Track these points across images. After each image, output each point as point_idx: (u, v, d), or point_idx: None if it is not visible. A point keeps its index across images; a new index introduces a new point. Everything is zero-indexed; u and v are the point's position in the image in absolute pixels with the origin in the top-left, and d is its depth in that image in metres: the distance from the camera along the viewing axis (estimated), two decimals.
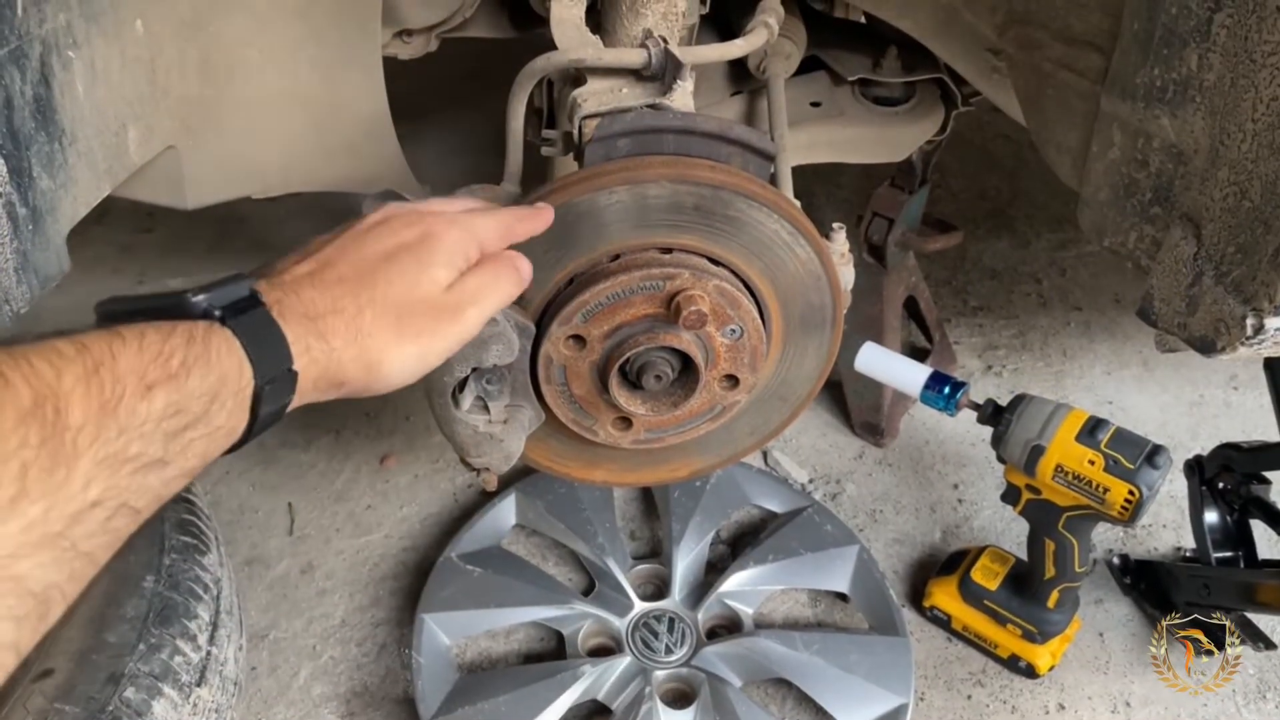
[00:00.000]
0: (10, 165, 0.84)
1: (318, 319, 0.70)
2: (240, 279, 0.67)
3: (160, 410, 0.57)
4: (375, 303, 0.74)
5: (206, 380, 0.60)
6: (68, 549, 0.52)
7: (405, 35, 1.41)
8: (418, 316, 0.76)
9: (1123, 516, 1.40)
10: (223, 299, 0.65)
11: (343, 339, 0.71)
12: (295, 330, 0.68)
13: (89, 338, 0.56)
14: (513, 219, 0.87)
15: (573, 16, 1.14)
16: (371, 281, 0.74)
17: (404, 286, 0.76)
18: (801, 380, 1.19)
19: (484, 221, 0.84)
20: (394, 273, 0.75)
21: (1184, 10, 0.97)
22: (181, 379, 0.59)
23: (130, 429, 0.55)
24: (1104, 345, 2.36)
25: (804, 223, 1.04)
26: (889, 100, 1.68)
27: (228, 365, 0.62)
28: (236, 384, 0.63)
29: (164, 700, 1.16)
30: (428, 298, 0.77)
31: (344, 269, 0.74)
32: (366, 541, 1.85)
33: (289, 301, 0.69)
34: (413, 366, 0.77)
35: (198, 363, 0.60)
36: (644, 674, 1.57)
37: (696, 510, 1.79)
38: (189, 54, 1.13)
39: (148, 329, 0.59)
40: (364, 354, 0.73)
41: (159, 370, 0.58)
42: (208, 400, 0.60)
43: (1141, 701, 1.63)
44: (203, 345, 0.61)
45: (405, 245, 0.78)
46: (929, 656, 1.69)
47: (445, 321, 0.78)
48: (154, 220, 2.60)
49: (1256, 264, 0.94)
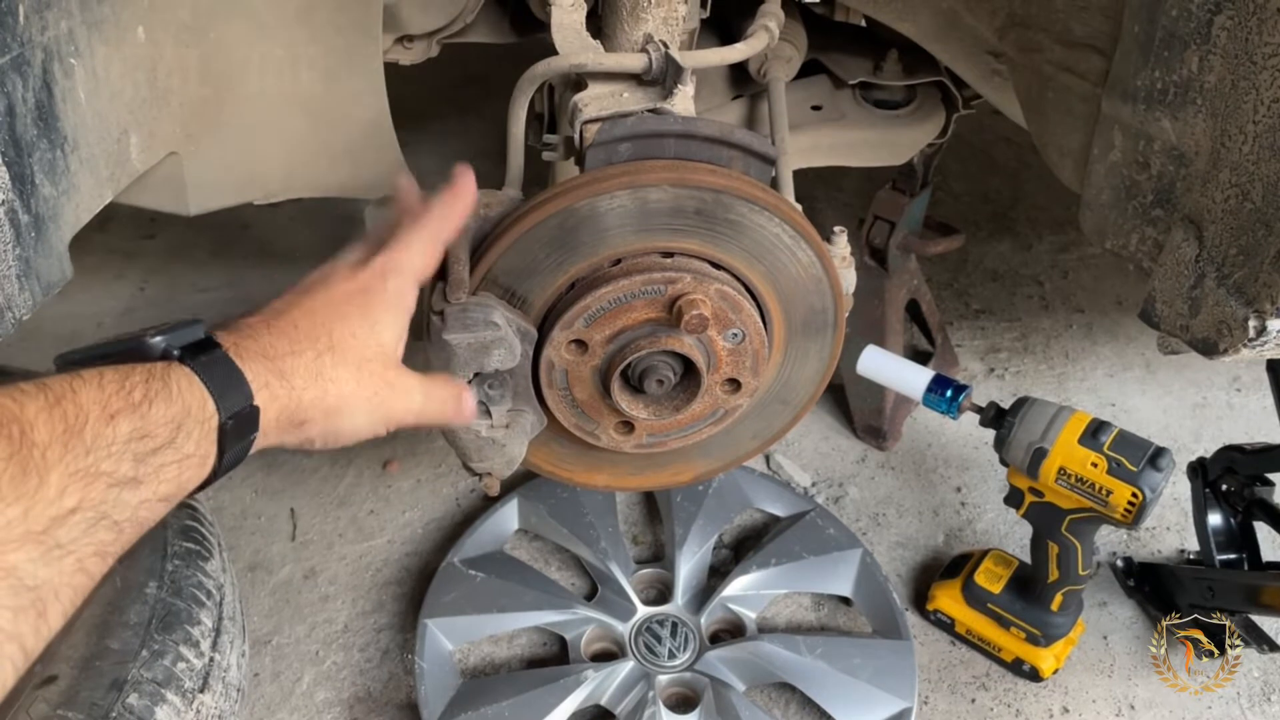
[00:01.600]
0: (13, 172, 0.84)
1: (277, 359, 0.72)
2: (195, 322, 0.69)
3: (126, 434, 0.59)
4: (334, 350, 0.76)
5: (170, 409, 0.62)
6: (54, 548, 0.54)
7: (406, 41, 1.41)
8: (376, 377, 0.78)
9: (1126, 519, 1.39)
10: (179, 340, 0.67)
11: (303, 379, 0.73)
12: (254, 368, 0.69)
13: (49, 378, 0.58)
14: (429, 229, 0.89)
15: (573, 21, 1.15)
16: (327, 330, 0.76)
17: (356, 344, 0.78)
18: (803, 384, 1.19)
19: (408, 254, 0.86)
20: (346, 329, 0.78)
21: (1184, 12, 0.97)
22: (144, 408, 0.60)
23: (98, 449, 0.57)
24: (1106, 347, 2.36)
25: (805, 226, 1.04)
26: (890, 103, 1.68)
27: (190, 399, 0.64)
28: (200, 415, 0.64)
29: (167, 706, 1.16)
30: (380, 357, 0.79)
31: (297, 317, 0.76)
32: (369, 547, 1.85)
33: (245, 344, 0.71)
34: (372, 418, 0.78)
35: (159, 396, 0.62)
36: (647, 679, 1.56)
37: (699, 514, 1.79)
38: (190, 60, 1.14)
39: (106, 370, 0.61)
40: (325, 397, 0.74)
41: (121, 401, 0.59)
42: (173, 428, 0.62)
43: (1146, 704, 1.63)
44: (162, 381, 0.63)
45: (349, 299, 0.80)
46: (932, 660, 1.68)
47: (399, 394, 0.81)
48: (156, 226, 2.60)
49: (1258, 266, 0.94)
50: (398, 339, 0.82)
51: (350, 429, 0.77)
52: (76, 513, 0.55)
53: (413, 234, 0.88)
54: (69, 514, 0.55)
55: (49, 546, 0.54)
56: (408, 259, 0.86)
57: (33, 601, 0.52)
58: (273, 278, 2.47)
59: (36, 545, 0.53)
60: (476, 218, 1.01)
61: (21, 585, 0.52)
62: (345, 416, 0.76)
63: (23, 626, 0.52)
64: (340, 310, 0.79)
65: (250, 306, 0.78)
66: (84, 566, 0.56)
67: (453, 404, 0.88)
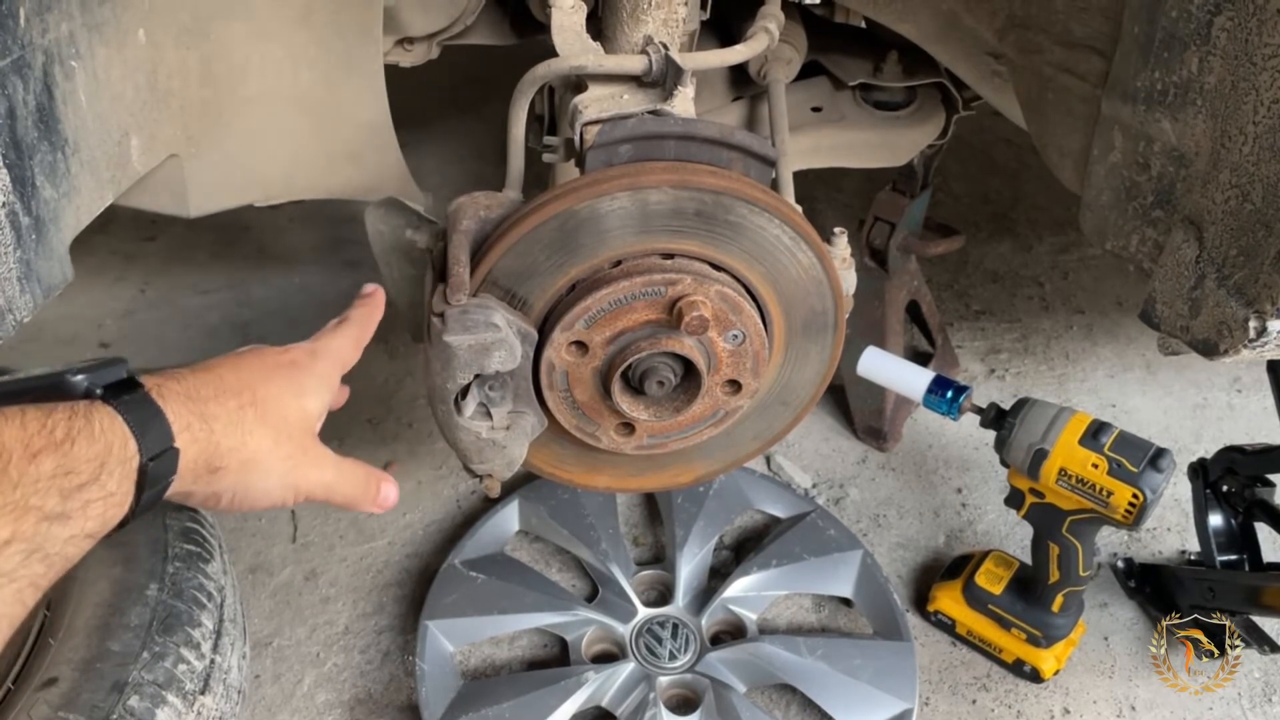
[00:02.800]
0: (13, 174, 0.84)
1: (200, 402, 0.72)
2: (118, 362, 0.69)
3: (50, 470, 0.59)
4: (256, 405, 0.76)
5: (93, 448, 0.62)
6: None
7: (407, 43, 1.42)
8: (294, 441, 0.79)
9: (1126, 520, 1.39)
10: (102, 379, 0.67)
11: (223, 425, 0.73)
12: (176, 409, 0.69)
13: None
14: (357, 325, 0.94)
15: (574, 23, 1.15)
16: (251, 386, 0.77)
17: (279, 406, 0.79)
18: (804, 385, 1.19)
19: (336, 343, 0.90)
20: (270, 390, 0.79)
21: (1184, 13, 0.98)
22: (67, 447, 0.61)
23: (24, 484, 0.57)
24: (1107, 348, 2.36)
25: (806, 227, 1.04)
26: (890, 105, 1.68)
27: (111, 438, 0.64)
28: (122, 454, 0.64)
29: (168, 708, 1.16)
30: (301, 423, 0.80)
31: (224, 370, 0.77)
32: (370, 548, 1.85)
33: (169, 385, 0.71)
34: (284, 481, 0.79)
35: (81, 434, 0.62)
36: (648, 680, 1.56)
37: (700, 515, 1.79)
38: (191, 62, 1.14)
39: (28, 409, 0.61)
40: (243, 447, 0.74)
41: (43, 439, 0.60)
42: (97, 465, 0.62)
43: (1147, 705, 1.63)
44: (85, 419, 0.63)
45: (278, 367, 0.81)
46: (933, 661, 1.68)
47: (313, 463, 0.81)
48: (157, 228, 2.60)
49: (1259, 266, 0.94)
50: (320, 412, 0.84)
51: (261, 488, 0.77)
52: (12, 544, 0.56)
53: (338, 329, 0.92)
54: (3, 545, 0.55)
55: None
56: (335, 346, 0.89)
57: None
58: (274, 280, 2.47)
59: None
60: (477, 219, 1.01)
61: None
62: (258, 473, 0.76)
63: None
64: (268, 374, 0.80)
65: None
66: (21, 598, 0.57)
67: (365, 488, 0.87)
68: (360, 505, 0.88)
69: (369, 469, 0.89)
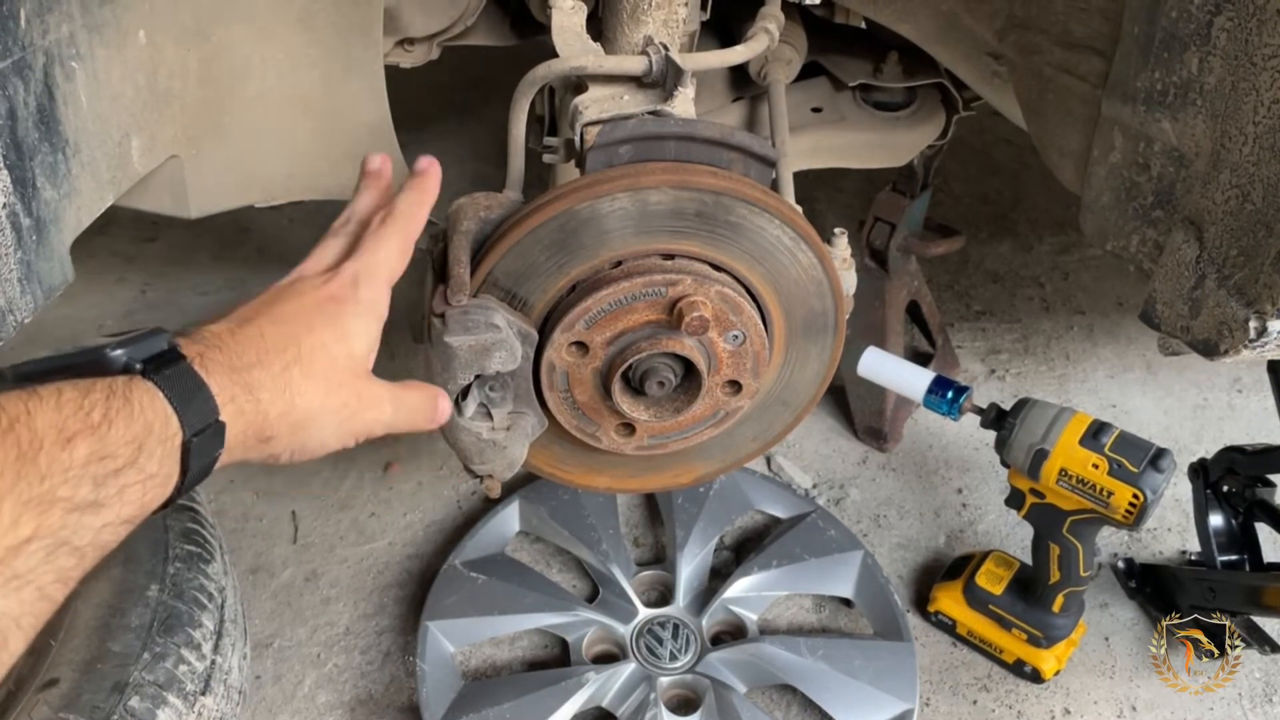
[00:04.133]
0: (14, 176, 0.84)
1: (243, 370, 0.69)
2: (159, 333, 0.67)
3: (84, 457, 0.57)
4: (301, 361, 0.73)
5: (131, 429, 0.60)
6: (11, 579, 0.53)
7: (407, 44, 1.42)
8: (345, 388, 0.76)
9: (1127, 520, 1.39)
10: (142, 353, 0.64)
11: (270, 392, 0.70)
12: (219, 381, 0.67)
13: (5, 398, 0.57)
14: (404, 222, 0.86)
15: (574, 24, 1.15)
16: (295, 340, 0.74)
17: (325, 356, 0.75)
18: (804, 385, 1.19)
19: (380, 255, 0.83)
20: (315, 339, 0.75)
21: (1184, 14, 0.98)
22: (104, 429, 0.59)
23: (54, 474, 0.56)
24: (1107, 349, 2.36)
25: (806, 228, 1.04)
26: (890, 105, 1.68)
27: (152, 416, 0.62)
28: (164, 433, 0.62)
29: (169, 709, 1.16)
30: (350, 367, 0.77)
31: (264, 325, 0.74)
32: (370, 549, 1.85)
33: (211, 355, 0.68)
34: (341, 431, 0.76)
35: (119, 414, 0.60)
36: (648, 680, 1.56)
37: (700, 516, 1.79)
38: (191, 63, 1.14)
39: (65, 387, 0.59)
40: (292, 410, 0.72)
41: (79, 422, 0.58)
42: (135, 448, 0.60)
43: (1147, 706, 1.63)
44: (123, 398, 0.61)
45: (319, 307, 0.78)
46: (934, 662, 1.68)
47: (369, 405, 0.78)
48: (157, 229, 2.60)
49: (1259, 267, 0.94)
50: (369, 348, 0.80)
51: (318, 442, 0.75)
52: (33, 541, 0.54)
53: (382, 234, 0.85)
54: (25, 543, 0.54)
55: (6, 578, 0.53)
56: (379, 261, 0.83)
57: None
58: (274, 280, 2.46)
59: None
60: (477, 220, 1.01)
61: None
62: (313, 430, 0.74)
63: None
64: (309, 320, 0.76)
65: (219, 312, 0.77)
66: (46, 594, 0.55)
67: (424, 411, 0.85)
68: (421, 428, 0.86)
69: (424, 390, 0.86)
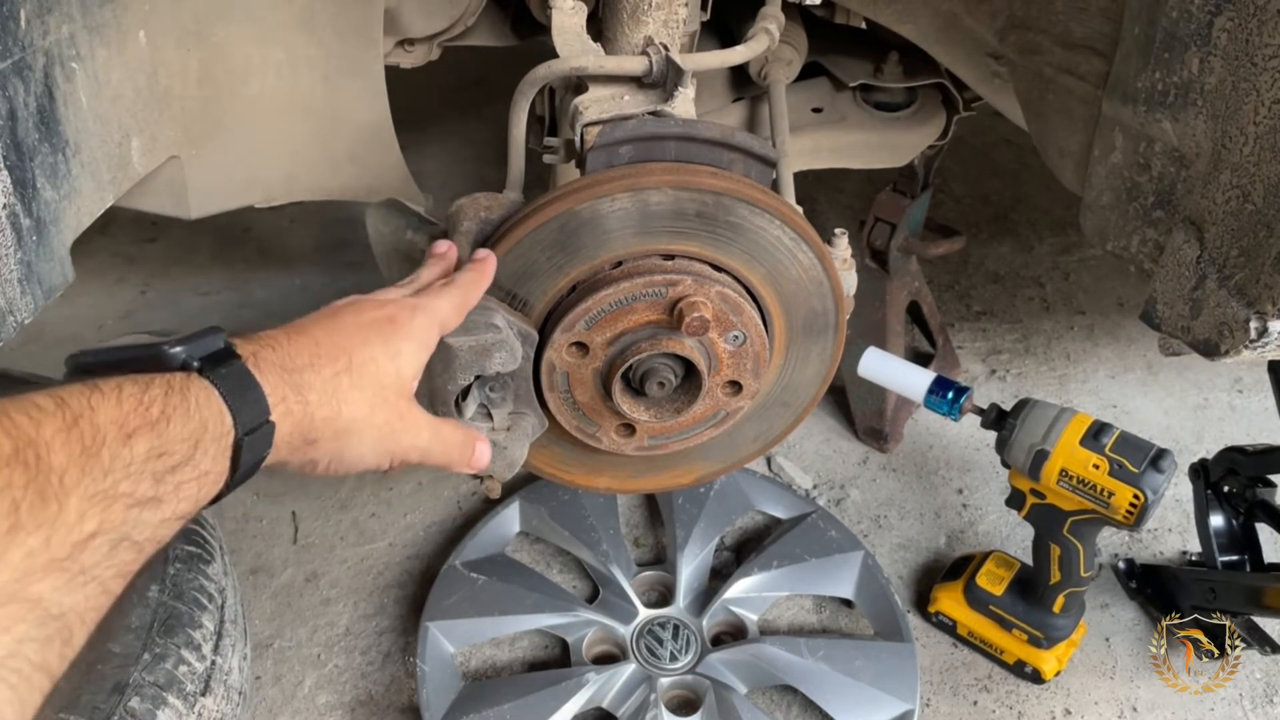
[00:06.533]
0: (14, 176, 0.84)
1: (295, 372, 0.71)
2: (215, 331, 0.68)
3: (144, 453, 0.58)
4: (352, 371, 0.75)
5: (188, 426, 0.61)
6: (78, 574, 0.54)
7: (407, 44, 1.42)
8: (389, 406, 0.77)
9: (1128, 521, 1.39)
10: (199, 350, 0.65)
11: (319, 395, 0.72)
12: (271, 382, 0.68)
13: (67, 392, 0.57)
14: (464, 289, 0.91)
15: (574, 24, 1.15)
16: (348, 351, 0.75)
17: (374, 371, 0.77)
18: (805, 386, 1.19)
19: (440, 303, 0.87)
20: (367, 353, 0.77)
21: (1185, 14, 0.98)
22: (162, 426, 0.59)
23: (116, 470, 0.56)
24: (1107, 349, 2.36)
25: (806, 228, 1.04)
26: (890, 105, 1.68)
27: (207, 413, 0.63)
28: (218, 430, 0.63)
29: (169, 710, 1.16)
30: (396, 386, 0.79)
31: (319, 333, 0.75)
32: (370, 550, 1.85)
33: (264, 354, 0.69)
34: (378, 448, 0.77)
35: (177, 411, 0.61)
36: (649, 681, 1.56)
37: (700, 517, 1.79)
38: (191, 64, 1.14)
39: (125, 382, 0.60)
40: (338, 418, 0.73)
41: (139, 419, 0.58)
42: (191, 445, 0.61)
43: (1148, 706, 1.63)
44: (180, 395, 0.62)
45: (375, 325, 0.79)
46: (934, 662, 1.68)
47: (409, 428, 0.80)
48: (157, 230, 2.60)
49: (1260, 267, 0.94)
50: (415, 373, 0.81)
51: (356, 455, 0.76)
52: (97, 536, 0.55)
53: (444, 291, 0.90)
54: (90, 538, 0.54)
55: (73, 574, 0.53)
56: (437, 306, 0.87)
57: (59, 630, 0.52)
58: (274, 281, 2.47)
59: (60, 573, 0.52)
60: (478, 220, 1.01)
61: (48, 615, 0.52)
62: (353, 441, 0.75)
63: (50, 655, 0.52)
64: (364, 334, 0.78)
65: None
66: (107, 588, 0.56)
67: (460, 451, 0.86)
68: (454, 468, 0.87)
69: (466, 430, 0.88)
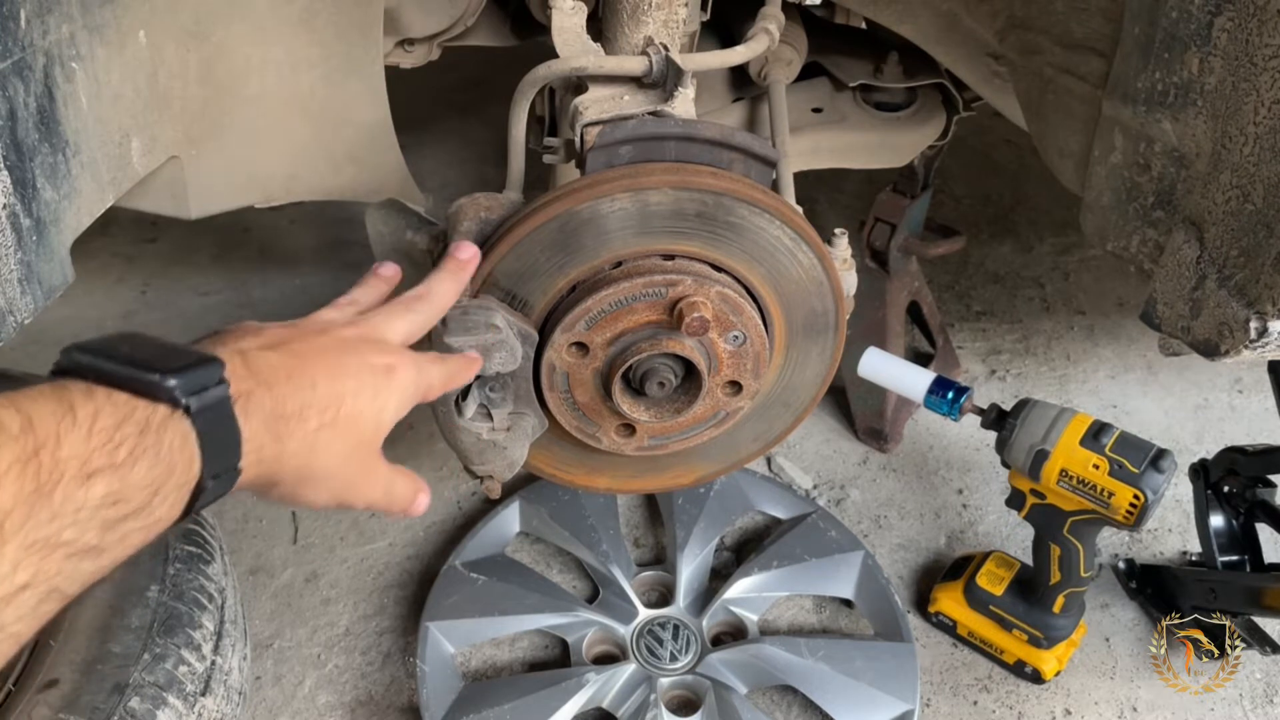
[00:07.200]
0: (14, 176, 0.84)
1: (282, 420, 0.69)
2: (214, 363, 0.65)
3: (99, 498, 0.56)
4: (335, 425, 0.74)
5: (154, 471, 0.59)
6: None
7: (407, 44, 1.42)
8: (359, 458, 0.77)
9: (1128, 521, 1.39)
10: (193, 385, 0.62)
11: (297, 445, 0.70)
12: (254, 427, 0.66)
13: (40, 410, 0.55)
14: (455, 372, 0.92)
15: (574, 24, 1.15)
16: (339, 399, 0.74)
17: (358, 422, 0.76)
18: (805, 386, 1.19)
19: (434, 371, 0.87)
20: (358, 405, 0.76)
21: (1185, 14, 0.98)
22: (126, 470, 0.57)
23: (65, 514, 0.54)
24: (1108, 349, 2.36)
25: (806, 228, 1.04)
26: (890, 106, 1.68)
27: (177, 459, 0.60)
28: (183, 477, 0.61)
29: (169, 710, 1.16)
30: (374, 440, 0.78)
31: (319, 373, 0.74)
32: (370, 550, 1.85)
33: (258, 396, 0.67)
34: (333, 496, 0.77)
35: (147, 454, 0.58)
36: (649, 681, 1.56)
37: (700, 517, 1.79)
38: (192, 64, 1.14)
39: (104, 408, 0.58)
40: (306, 466, 0.72)
41: (104, 458, 0.56)
42: (150, 493, 0.59)
43: (1148, 706, 1.63)
44: (156, 435, 0.59)
45: (374, 372, 0.79)
46: (935, 662, 1.68)
47: (369, 482, 0.80)
48: (158, 230, 2.60)
49: (1260, 267, 0.94)
50: (393, 423, 0.81)
51: (309, 498, 0.75)
52: (28, 589, 0.52)
53: (443, 362, 0.90)
54: (19, 591, 0.52)
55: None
56: (432, 373, 0.86)
57: None
58: (274, 281, 2.47)
59: None
60: (478, 220, 1.01)
61: None
62: (312, 488, 0.74)
63: None
64: (361, 381, 0.77)
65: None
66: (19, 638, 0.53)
67: (403, 503, 0.86)
68: (391, 515, 0.87)
69: (415, 481, 0.87)
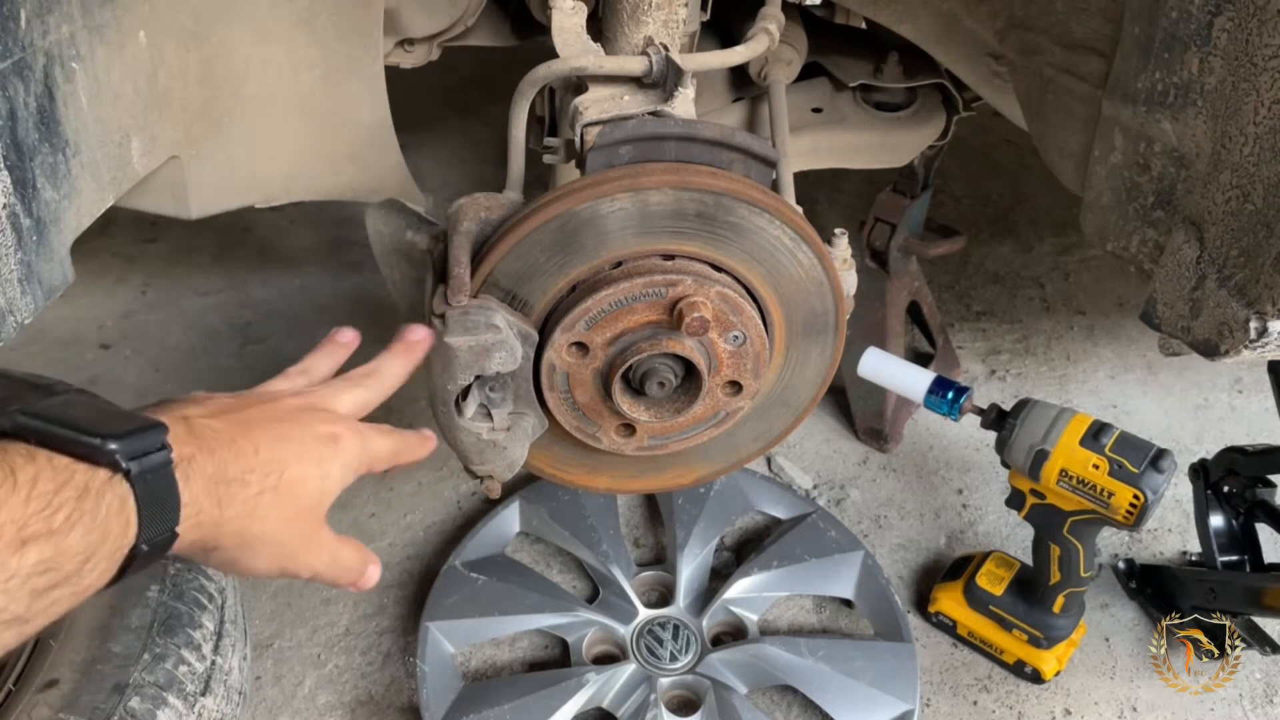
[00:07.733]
0: (14, 176, 0.84)
1: (223, 484, 0.69)
2: (158, 428, 0.65)
3: (31, 566, 0.56)
4: (279, 490, 0.74)
5: (88, 537, 0.59)
6: None
7: (407, 44, 1.42)
8: (300, 525, 0.77)
9: (1128, 521, 1.39)
10: (135, 449, 0.62)
11: (236, 509, 0.71)
12: (194, 492, 0.66)
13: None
14: (403, 447, 0.89)
15: (574, 24, 1.15)
16: (281, 465, 0.74)
17: (300, 490, 0.76)
18: (805, 386, 1.19)
19: (381, 443, 0.86)
20: (300, 471, 0.76)
21: (1185, 14, 0.98)
22: (61, 536, 0.57)
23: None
24: (1108, 349, 2.36)
25: (806, 229, 1.04)
26: (890, 106, 1.68)
27: (113, 524, 0.61)
28: (117, 543, 0.61)
29: (169, 710, 1.16)
30: (316, 507, 0.78)
31: (262, 440, 0.74)
32: (370, 549, 1.85)
33: (200, 461, 0.68)
34: (273, 564, 0.77)
35: (84, 519, 0.58)
36: (649, 681, 1.56)
37: (700, 517, 1.79)
38: (192, 64, 1.14)
39: (44, 471, 0.58)
40: (246, 531, 0.72)
41: (40, 524, 0.56)
42: (82, 560, 0.59)
43: (1148, 706, 1.63)
44: (94, 500, 0.59)
45: (319, 441, 0.79)
46: (934, 662, 1.68)
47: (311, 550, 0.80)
48: (158, 230, 2.60)
49: (1260, 267, 0.94)
50: (335, 494, 0.81)
51: (248, 565, 0.75)
52: None
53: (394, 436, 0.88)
54: None
55: None
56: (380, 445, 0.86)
57: None
58: (274, 281, 2.47)
59: None
60: (478, 221, 1.01)
61: None
62: (252, 553, 0.74)
63: None
64: (305, 450, 0.77)
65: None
66: None
67: (351, 575, 0.86)
68: (340, 587, 0.86)
69: (362, 553, 0.86)
